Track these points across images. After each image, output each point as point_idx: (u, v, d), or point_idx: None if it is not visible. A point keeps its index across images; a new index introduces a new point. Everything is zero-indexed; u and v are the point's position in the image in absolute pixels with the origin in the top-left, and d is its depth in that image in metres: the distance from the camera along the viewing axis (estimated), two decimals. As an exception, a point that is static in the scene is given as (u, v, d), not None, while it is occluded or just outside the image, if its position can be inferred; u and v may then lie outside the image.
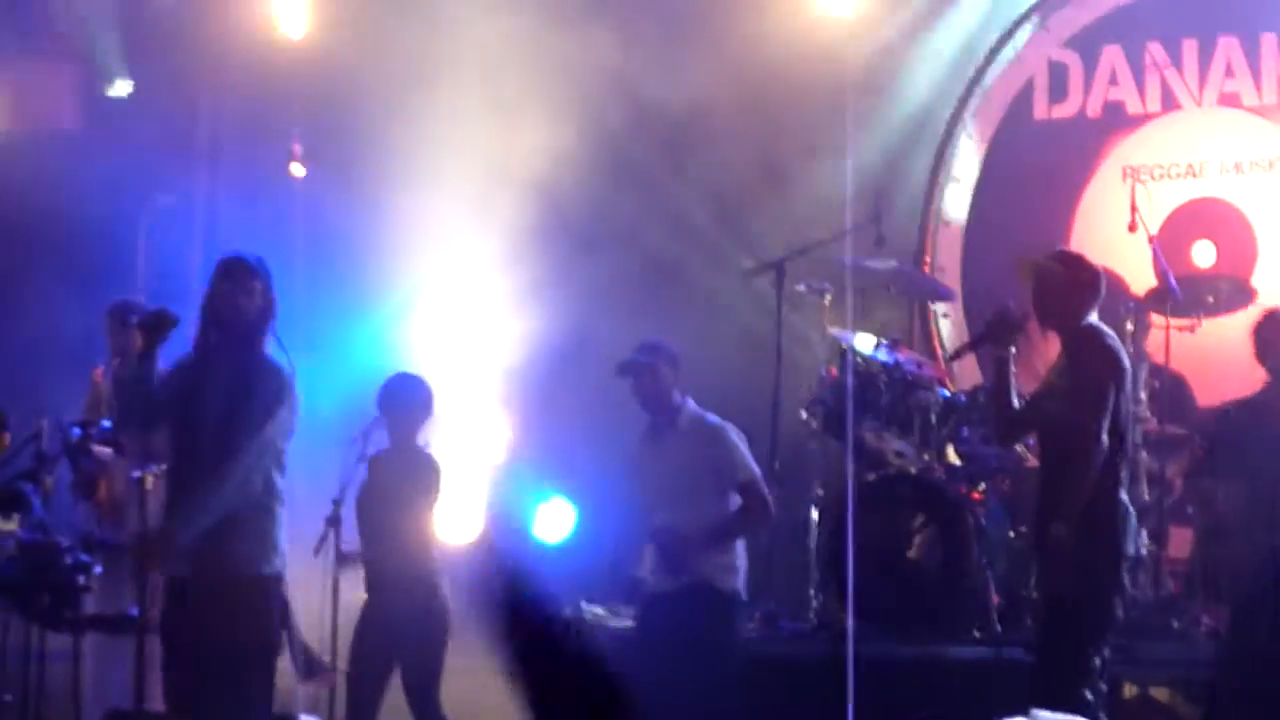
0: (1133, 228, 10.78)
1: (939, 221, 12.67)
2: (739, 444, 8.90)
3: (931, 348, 12.34)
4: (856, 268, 10.63)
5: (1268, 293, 11.18)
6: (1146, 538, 9.75)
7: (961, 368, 11.48)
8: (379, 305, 12.30)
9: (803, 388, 10.75)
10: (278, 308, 7.45)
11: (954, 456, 10.43)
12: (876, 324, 11.16)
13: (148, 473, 7.27)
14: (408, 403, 9.31)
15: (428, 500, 9.29)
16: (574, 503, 10.99)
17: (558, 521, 10.99)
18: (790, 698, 9.29)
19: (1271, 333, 9.15)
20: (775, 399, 10.35)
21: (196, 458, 7.25)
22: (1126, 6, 12.28)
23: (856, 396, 10.05)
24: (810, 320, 11.24)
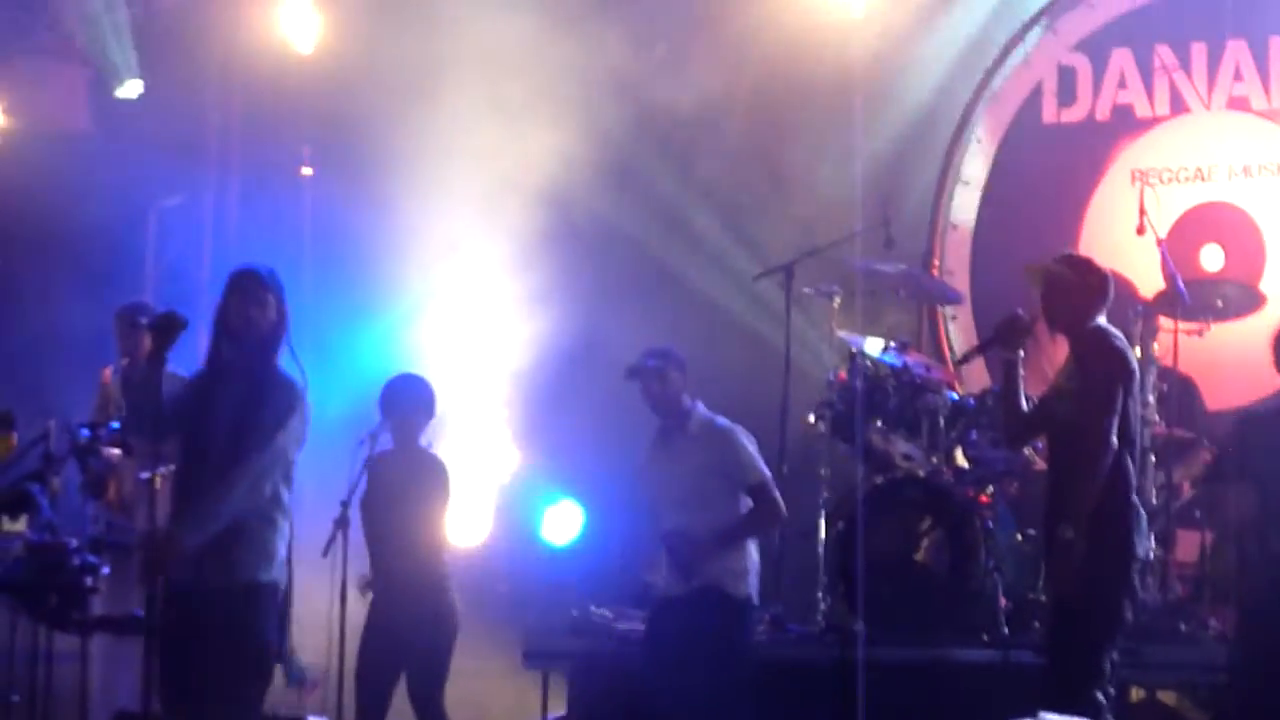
0: (1141, 231, 10.78)
1: (948, 224, 12.65)
2: (748, 446, 8.87)
3: (940, 351, 12.32)
4: (865, 270, 10.64)
5: (1277, 297, 11.19)
6: (1154, 541, 9.73)
7: (970, 371, 11.47)
8: (387, 308, 12.29)
9: (811, 391, 10.75)
10: (290, 319, 7.44)
11: (962, 459, 10.43)
12: (885, 327, 11.14)
13: (156, 474, 7.25)
14: (410, 403, 9.30)
15: (436, 502, 9.28)
16: (582, 505, 10.99)
17: (566, 524, 10.99)
18: (798, 701, 9.28)
19: None
20: (784, 402, 10.34)
21: (206, 466, 7.21)
22: (1135, 10, 12.26)
23: (864, 399, 10.04)
24: (819, 323, 11.23)
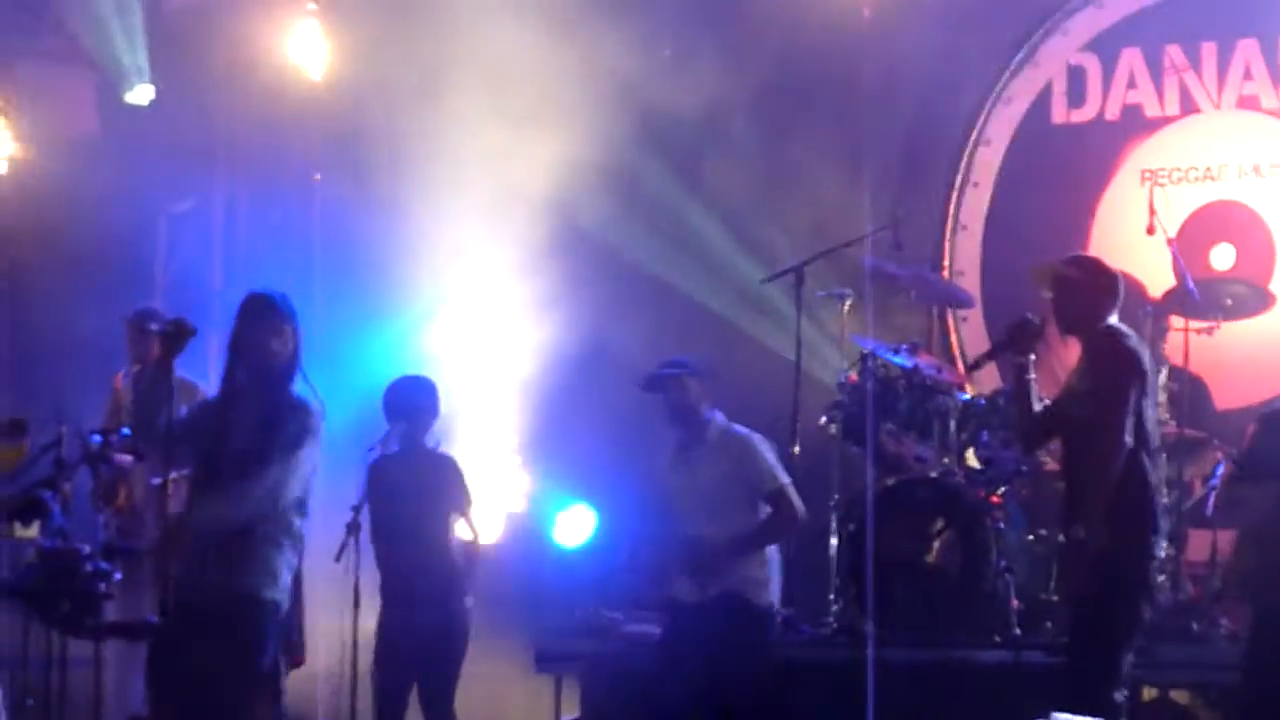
0: (1151, 231, 10.78)
1: (958, 226, 12.64)
2: (767, 454, 8.88)
3: (951, 352, 12.32)
4: (876, 272, 10.64)
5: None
6: (1166, 540, 9.72)
7: (981, 372, 11.44)
8: (397, 314, 12.30)
9: (821, 394, 10.75)
10: (303, 343, 7.45)
11: (973, 460, 10.43)
12: (896, 329, 11.14)
13: (168, 479, 7.28)
14: (415, 404, 9.32)
15: (449, 500, 9.29)
16: (594, 508, 10.99)
17: (578, 528, 10.99)
18: (810, 702, 9.28)
19: None
20: (794, 405, 10.34)
21: (220, 481, 7.25)
22: (1145, 9, 12.24)
23: (876, 401, 10.04)
24: (829, 326, 11.23)
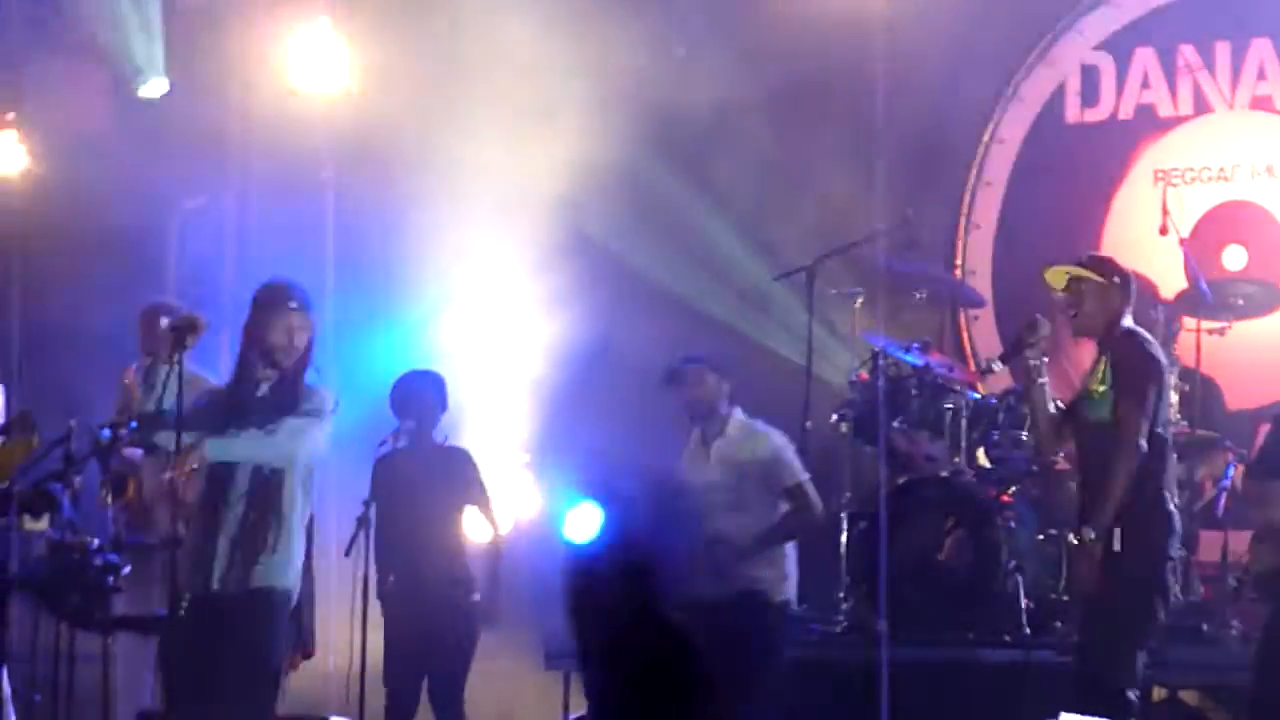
0: (1164, 231, 10.77)
1: (970, 225, 12.63)
2: (785, 449, 8.90)
3: (962, 351, 12.31)
4: (888, 271, 10.63)
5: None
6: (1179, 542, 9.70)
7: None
8: (409, 310, 12.30)
9: (831, 393, 10.75)
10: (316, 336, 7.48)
11: (984, 459, 10.42)
12: (907, 327, 11.14)
13: (180, 471, 7.29)
14: (423, 399, 9.32)
15: (462, 494, 9.29)
16: (602, 506, 10.97)
17: (588, 525, 10.97)
18: (821, 701, 9.27)
19: None
20: (806, 403, 10.33)
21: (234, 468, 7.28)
22: (1159, 9, 12.22)
23: (887, 399, 10.04)
24: (840, 324, 11.23)
